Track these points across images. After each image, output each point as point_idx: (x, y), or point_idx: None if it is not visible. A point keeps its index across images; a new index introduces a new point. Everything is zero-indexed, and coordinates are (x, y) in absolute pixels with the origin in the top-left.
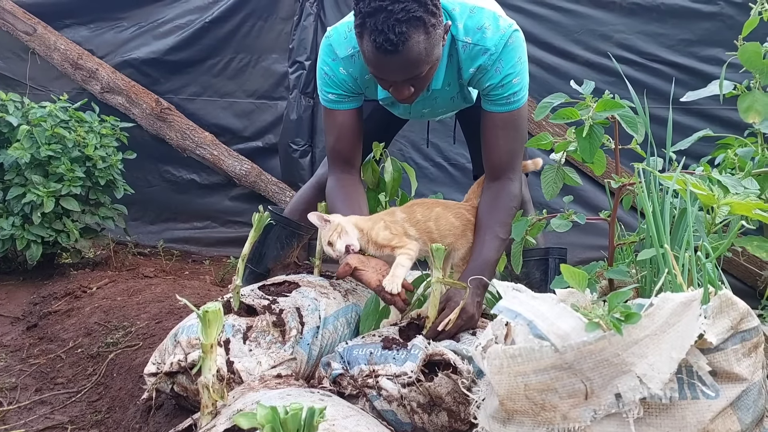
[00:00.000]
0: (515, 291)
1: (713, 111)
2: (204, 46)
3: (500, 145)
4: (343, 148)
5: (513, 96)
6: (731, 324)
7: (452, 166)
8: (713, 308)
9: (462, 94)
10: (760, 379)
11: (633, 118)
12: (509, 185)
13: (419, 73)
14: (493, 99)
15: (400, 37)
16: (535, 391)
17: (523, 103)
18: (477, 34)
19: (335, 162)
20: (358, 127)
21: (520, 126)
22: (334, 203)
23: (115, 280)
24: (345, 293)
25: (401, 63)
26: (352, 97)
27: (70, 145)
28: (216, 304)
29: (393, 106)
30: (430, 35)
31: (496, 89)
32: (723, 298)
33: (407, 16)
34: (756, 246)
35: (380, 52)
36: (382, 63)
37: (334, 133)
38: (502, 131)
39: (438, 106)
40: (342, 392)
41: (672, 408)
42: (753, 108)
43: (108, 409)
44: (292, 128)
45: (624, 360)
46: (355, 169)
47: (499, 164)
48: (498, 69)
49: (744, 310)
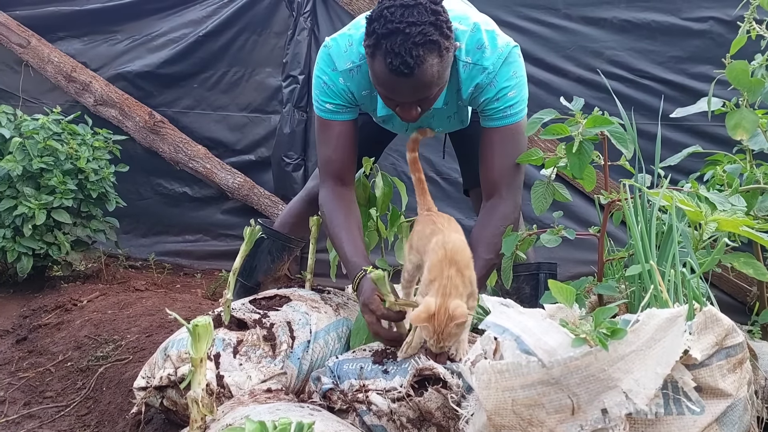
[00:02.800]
0: (503, 306)
1: (703, 127)
2: (198, 59)
3: (496, 162)
4: (339, 159)
5: (509, 109)
6: (716, 340)
7: (444, 180)
8: (698, 324)
9: (459, 114)
10: (746, 394)
11: (622, 134)
12: (501, 205)
13: (429, 95)
14: (488, 114)
15: (416, 60)
16: (522, 406)
17: (519, 118)
18: (477, 54)
19: (329, 174)
20: (354, 139)
21: (517, 142)
22: (332, 218)
23: (106, 293)
24: (336, 308)
25: (414, 85)
26: (349, 108)
27: (62, 158)
28: (206, 318)
29: (388, 122)
30: (443, 58)
31: (491, 103)
32: (708, 314)
33: (424, 40)
34: (743, 262)
35: (394, 74)
36: (395, 84)
37: (330, 144)
38: (498, 146)
39: (434, 125)
40: (332, 407)
41: (657, 424)
42: (741, 125)
43: (97, 424)
44: (285, 142)
45: (610, 375)
46: (349, 182)
47: (494, 181)
48: (493, 84)
49: (729, 326)
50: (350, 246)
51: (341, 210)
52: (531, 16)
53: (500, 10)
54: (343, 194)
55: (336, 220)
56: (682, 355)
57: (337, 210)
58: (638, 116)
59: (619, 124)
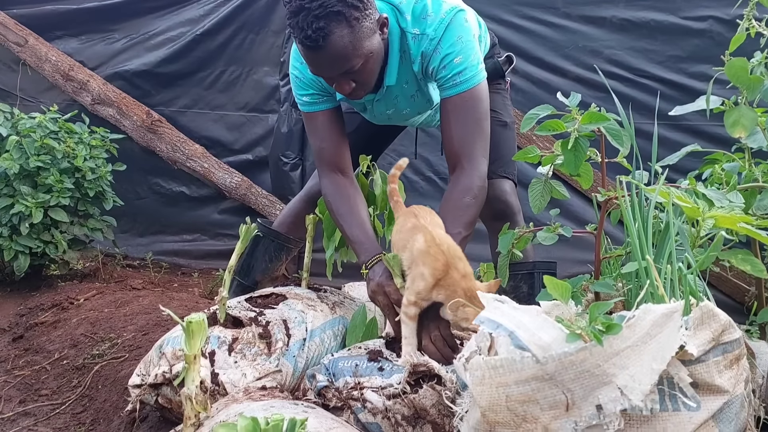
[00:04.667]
0: (497, 302)
1: (701, 126)
2: (195, 58)
3: (453, 132)
4: (328, 148)
5: (458, 76)
6: (712, 336)
7: (442, 180)
8: (694, 319)
9: (421, 92)
10: (743, 391)
11: (618, 131)
12: (462, 177)
13: (351, 68)
14: (440, 84)
15: (319, 33)
16: (516, 402)
17: (472, 84)
18: (422, 23)
19: (325, 165)
20: (340, 126)
21: (474, 109)
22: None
23: (103, 291)
24: (332, 306)
25: (328, 58)
26: (326, 97)
27: (59, 156)
28: (200, 315)
29: (364, 111)
30: (354, 28)
31: (439, 72)
32: (704, 309)
33: (324, 12)
34: (741, 259)
35: (306, 49)
36: (311, 60)
37: (317, 136)
38: (453, 116)
39: (401, 107)
40: (327, 404)
41: (653, 420)
42: (739, 123)
43: (92, 421)
44: (283, 141)
45: (605, 371)
46: (347, 171)
47: (454, 153)
48: (438, 51)
49: (725, 322)
50: (358, 229)
51: (345, 197)
52: (530, 14)
53: (499, 8)
54: (344, 183)
55: (342, 208)
56: (678, 350)
57: (341, 198)
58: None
59: (615, 122)
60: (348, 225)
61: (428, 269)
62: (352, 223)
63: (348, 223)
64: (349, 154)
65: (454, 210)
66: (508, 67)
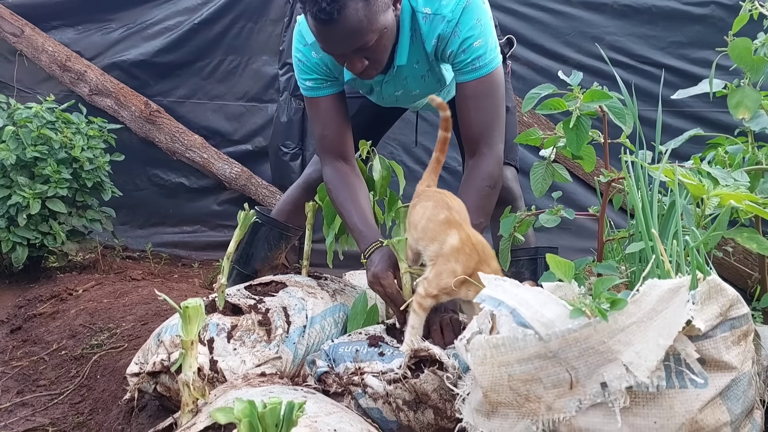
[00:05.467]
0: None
1: (704, 113)
2: (193, 48)
3: (472, 118)
4: (331, 134)
5: (477, 61)
6: (720, 310)
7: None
8: (701, 294)
9: (432, 72)
10: (750, 369)
11: (621, 109)
12: (483, 162)
13: (365, 44)
14: (458, 68)
15: (333, 6)
16: (519, 381)
17: (491, 69)
18: (434, 3)
19: (327, 152)
20: (343, 112)
21: (492, 94)
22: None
23: (102, 282)
24: (333, 293)
25: (342, 32)
26: (330, 81)
27: (56, 147)
28: (197, 300)
29: (370, 93)
30: (369, 2)
31: (458, 56)
32: (712, 283)
33: None
34: (746, 237)
35: (319, 24)
36: (323, 35)
37: (320, 122)
38: (472, 101)
39: (410, 88)
40: (327, 390)
41: (659, 397)
42: (743, 104)
43: (90, 411)
44: (283, 131)
45: (610, 348)
46: (349, 158)
47: (473, 138)
48: (456, 34)
49: (733, 297)
50: (358, 218)
51: (347, 185)
52: (530, 1)
53: None
54: (346, 170)
55: (342, 195)
56: (684, 325)
57: (342, 185)
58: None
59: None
60: (348, 213)
61: (461, 267)
62: (353, 212)
63: (348, 212)
64: (352, 140)
65: (476, 198)
66: (508, 50)
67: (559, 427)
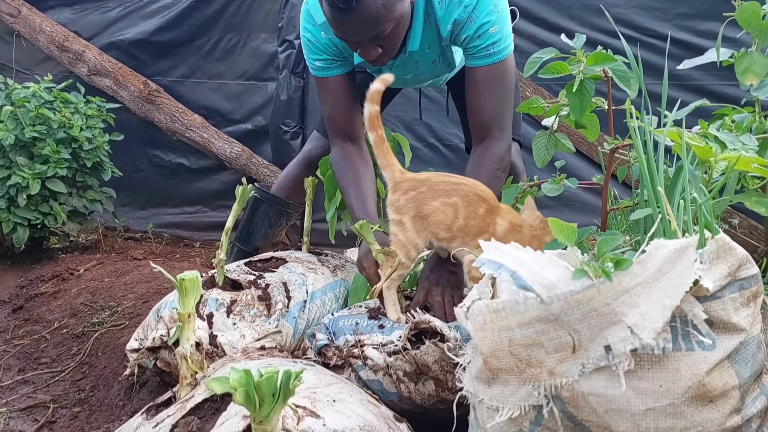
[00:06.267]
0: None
1: (710, 86)
2: (191, 26)
3: (483, 103)
4: (339, 115)
5: (492, 47)
6: (729, 270)
7: (445, 147)
8: (710, 253)
9: (444, 56)
10: (759, 331)
11: (625, 72)
12: (494, 146)
13: (382, 32)
14: (471, 53)
15: None
16: (519, 346)
17: (505, 55)
18: None
19: (335, 132)
20: (352, 92)
21: (504, 81)
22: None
23: (104, 262)
24: (333, 269)
25: (359, 21)
26: (339, 62)
27: (55, 126)
28: (193, 273)
29: (379, 73)
30: None
31: (473, 41)
32: (720, 242)
33: None
34: (754, 201)
35: (335, 11)
36: (340, 23)
37: (328, 102)
38: (485, 87)
39: (420, 71)
40: (327, 363)
41: (665, 360)
42: (751, 69)
43: (92, 388)
44: (282, 109)
45: (614, 310)
46: (357, 140)
47: (483, 123)
48: (473, 19)
49: (743, 256)
50: (357, 201)
51: (350, 168)
52: None
53: None
54: (351, 152)
55: (345, 179)
56: (692, 285)
57: (346, 168)
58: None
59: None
60: (349, 196)
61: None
62: (353, 195)
63: (349, 195)
64: (361, 121)
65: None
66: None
67: (562, 392)
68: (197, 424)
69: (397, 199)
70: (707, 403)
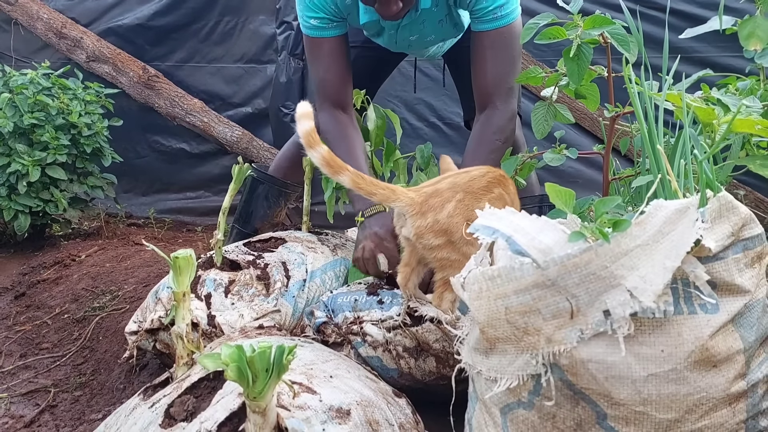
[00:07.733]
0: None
1: (713, 58)
2: (188, 9)
3: (488, 68)
4: (332, 79)
5: (499, 9)
6: (732, 230)
7: (446, 125)
8: (711, 211)
9: (450, 16)
10: (765, 294)
11: (624, 35)
12: (496, 115)
13: None
14: (478, 15)
15: None
16: (516, 314)
17: (511, 19)
18: None
19: (325, 97)
20: (346, 57)
21: (511, 46)
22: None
23: (105, 247)
24: (333, 248)
25: None
26: (336, 22)
27: (53, 113)
28: (187, 251)
29: (378, 36)
30: None
31: (479, 2)
32: (722, 200)
33: None
34: (759, 164)
35: None
36: None
37: (321, 65)
38: (490, 51)
39: (426, 33)
40: (326, 341)
41: (666, 324)
42: (755, 34)
43: (93, 372)
44: (282, 92)
45: (612, 273)
46: (347, 106)
47: (487, 90)
48: None
49: (746, 215)
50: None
51: (344, 136)
52: None
53: None
54: (344, 121)
55: (340, 149)
56: (693, 246)
57: (340, 136)
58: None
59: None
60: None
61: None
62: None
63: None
64: (352, 89)
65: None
66: None
67: (560, 360)
68: (193, 403)
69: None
70: (711, 368)
